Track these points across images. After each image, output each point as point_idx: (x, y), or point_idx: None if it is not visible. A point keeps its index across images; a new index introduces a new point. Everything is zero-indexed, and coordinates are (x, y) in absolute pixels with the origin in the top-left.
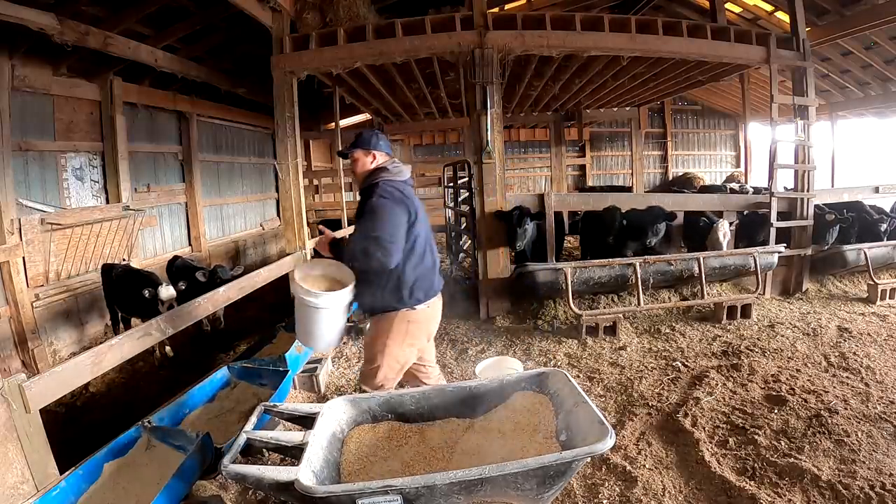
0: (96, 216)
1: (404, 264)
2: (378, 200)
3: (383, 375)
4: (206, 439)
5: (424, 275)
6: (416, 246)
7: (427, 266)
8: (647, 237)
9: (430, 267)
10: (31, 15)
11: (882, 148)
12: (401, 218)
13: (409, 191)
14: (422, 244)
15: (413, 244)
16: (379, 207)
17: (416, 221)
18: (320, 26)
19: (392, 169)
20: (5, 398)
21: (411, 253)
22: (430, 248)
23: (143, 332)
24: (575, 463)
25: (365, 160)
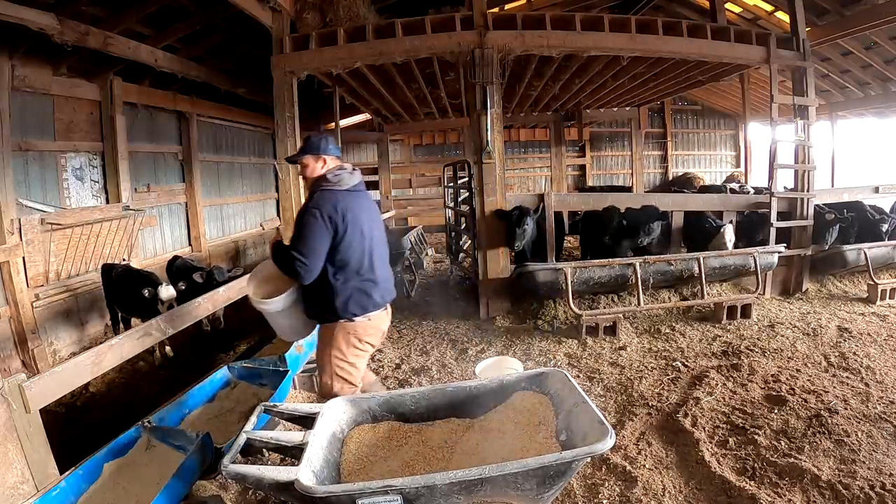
0: (96, 216)
1: (335, 278)
2: (305, 213)
3: (339, 386)
4: (206, 439)
5: (362, 288)
6: (349, 260)
7: (367, 280)
8: (640, 237)
9: (371, 280)
10: (31, 15)
11: (882, 148)
12: (322, 234)
13: (348, 201)
14: (359, 257)
15: (347, 258)
16: (303, 221)
17: (347, 235)
18: (320, 26)
19: (332, 178)
20: (5, 398)
21: (345, 267)
22: (375, 261)
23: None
24: (575, 463)
25: (315, 165)
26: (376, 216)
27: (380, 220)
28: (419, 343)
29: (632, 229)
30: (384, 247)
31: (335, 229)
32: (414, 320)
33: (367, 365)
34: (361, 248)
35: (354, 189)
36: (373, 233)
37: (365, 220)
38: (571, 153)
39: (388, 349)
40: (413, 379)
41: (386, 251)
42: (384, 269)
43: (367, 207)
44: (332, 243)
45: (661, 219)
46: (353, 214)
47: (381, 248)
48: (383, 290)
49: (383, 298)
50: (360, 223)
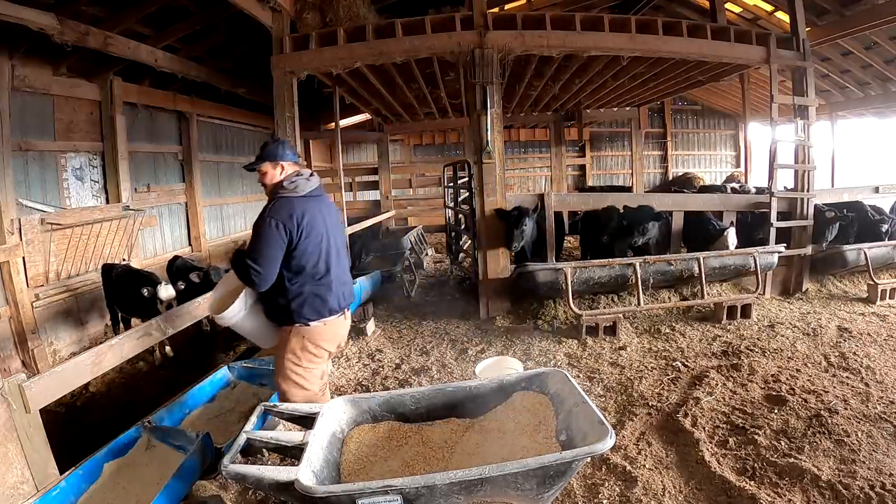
0: (96, 216)
1: (290, 283)
2: (261, 222)
3: (293, 391)
4: (206, 439)
5: (318, 294)
6: (305, 265)
7: (322, 285)
8: (635, 236)
9: (327, 285)
10: (31, 15)
11: (882, 148)
12: (276, 243)
13: (305, 207)
14: (316, 263)
15: (303, 264)
16: (258, 231)
17: (302, 241)
18: (320, 26)
19: (289, 185)
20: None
21: (300, 272)
22: (332, 266)
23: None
24: (575, 463)
25: (273, 172)
26: (335, 220)
27: (339, 224)
28: (419, 343)
29: (628, 229)
30: (344, 252)
31: (290, 237)
32: (414, 320)
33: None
34: (318, 253)
35: (312, 194)
36: (330, 238)
37: (322, 225)
38: (571, 153)
39: (388, 349)
40: (413, 379)
41: (346, 256)
42: (343, 275)
43: (325, 212)
44: (287, 250)
45: (656, 219)
46: (309, 220)
47: (339, 254)
48: (340, 296)
49: (340, 304)
50: (318, 228)
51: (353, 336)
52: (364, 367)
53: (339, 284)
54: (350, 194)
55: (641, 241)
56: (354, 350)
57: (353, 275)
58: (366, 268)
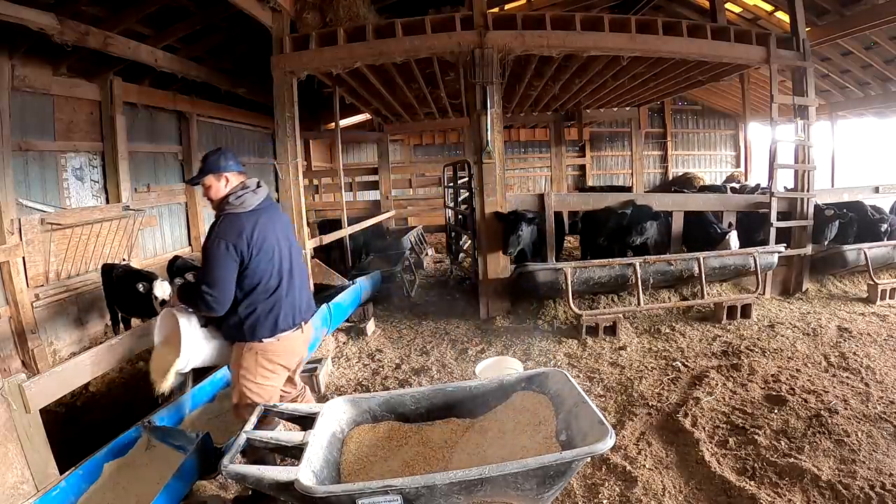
0: (96, 216)
1: (242, 302)
2: (210, 244)
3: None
4: (206, 439)
5: (271, 310)
6: (258, 283)
7: (276, 301)
8: (633, 236)
9: (280, 301)
10: (31, 15)
11: (882, 148)
12: (228, 264)
13: (255, 222)
14: (268, 279)
15: (255, 282)
16: (208, 253)
17: (254, 259)
18: (320, 26)
19: (234, 201)
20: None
21: (252, 290)
22: (285, 281)
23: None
24: (575, 463)
25: (218, 185)
26: (287, 232)
27: (291, 235)
28: (419, 343)
29: (626, 229)
30: (299, 263)
31: (242, 257)
32: (414, 320)
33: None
34: (270, 269)
35: (260, 207)
36: (283, 251)
37: (274, 238)
38: (571, 153)
39: (388, 349)
40: (413, 379)
41: (302, 268)
42: (298, 288)
43: (276, 225)
44: (239, 269)
45: (653, 218)
46: (260, 236)
47: (294, 266)
48: (296, 311)
49: (295, 319)
50: (270, 243)
51: (353, 336)
52: (364, 367)
53: (294, 298)
54: (350, 194)
55: (640, 240)
56: (354, 350)
57: (353, 275)
58: (366, 268)
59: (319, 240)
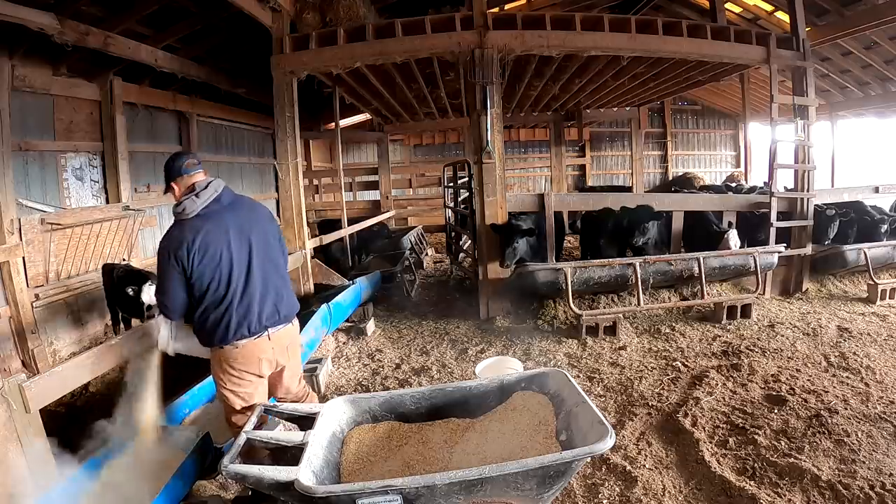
0: (96, 216)
1: (196, 310)
2: (158, 254)
3: (228, 413)
4: (206, 439)
5: (221, 318)
6: (206, 290)
7: (227, 308)
8: (636, 236)
9: (232, 307)
10: (31, 15)
11: (882, 148)
12: (172, 274)
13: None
14: (215, 287)
15: (203, 289)
16: (158, 262)
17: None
18: (320, 26)
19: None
20: (5, 398)
21: (202, 299)
22: (236, 287)
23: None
24: (575, 463)
25: (177, 191)
26: (253, 231)
27: (254, 236)
28: (419, 343)
29: (627, 229)
30: (267, 263)
31: (182, 266)
32: (414, 320)
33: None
34: (217, 276)
35: (206, 212)
36: (235, 256)
37: (223, 242)
38: (571, 153)
39: (388, 349)
40: (413, 379)
41: (271, 271)
42: (260, 294)
43: (228, 228)
44: (186, 278)
45: (655, 218)
46: (203, 243)
47: (255, 271)
48: (253, 318)
49: (251, 328)
50: (215, 250)
51: (354, 336)
52: (364, 367)
53: (251, 305)
54: (350, 194)
55: (642, 240)
56: (354, 350)
57: (353, 275)
58: (366, 268)
59: (319, 240)
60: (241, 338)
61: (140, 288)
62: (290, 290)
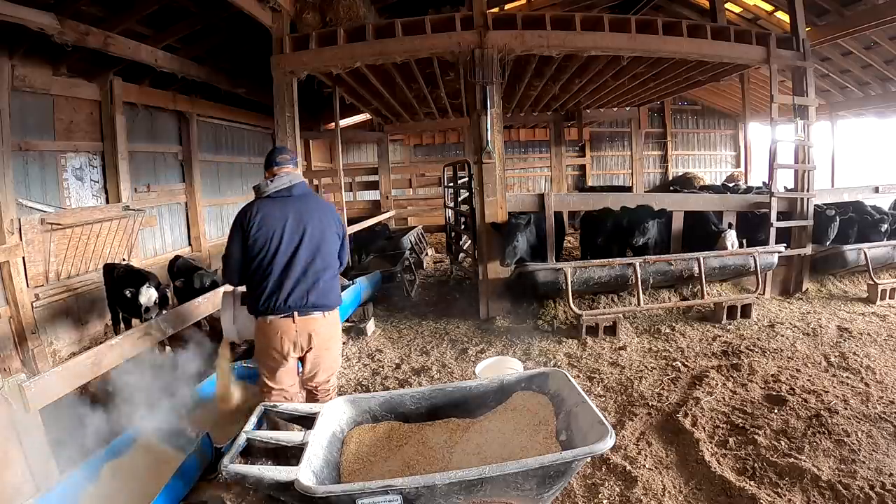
0: (96, 216)
1: (249, 277)
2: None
3: (261, 378)
4: (206, 439)
5: (262, 291)
6: (258, 260)
7: (267, 281)
8: (636, 236)
9: (270, 283)
10: (31, 15)
11: (882, 148)
12: (235, 235)
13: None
14: (261, 260)
15: (254, 253)
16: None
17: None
18: (320, 26)
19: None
20: (5, 398)
21: (251, 261)
22: (279, 263)
23: (143, 332)
24: (575, 463)
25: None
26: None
27: (309, 228)
28: (419, 343)
29: (627, 229)
30: (309, 254)
31: (243, 231)
32: (414, 320)
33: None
34: (267, 248)
35: (277, 195)
36: (289, 238)
37: (280, 224)
38: (571, 153)
39: (388, 349)
40: (413, 379)
41: (313, 261)
42: (299, 279)
43: (288, 214)
44: (243, 243)
45: (655, 217)
46: (262, 217)
47: (300, 256)
48: (286, 296)
49: (281, 304)
50: (270, 226)
51: (354, 336)
52: (364, 367)
53: (290, 284)
54: (350, 194)
55: (642, 240)
56: (354, 350)
57: (353, 275)
58: (366, 268)
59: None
60: (269, 312)
61: (138, 290)
62: (333, 285)
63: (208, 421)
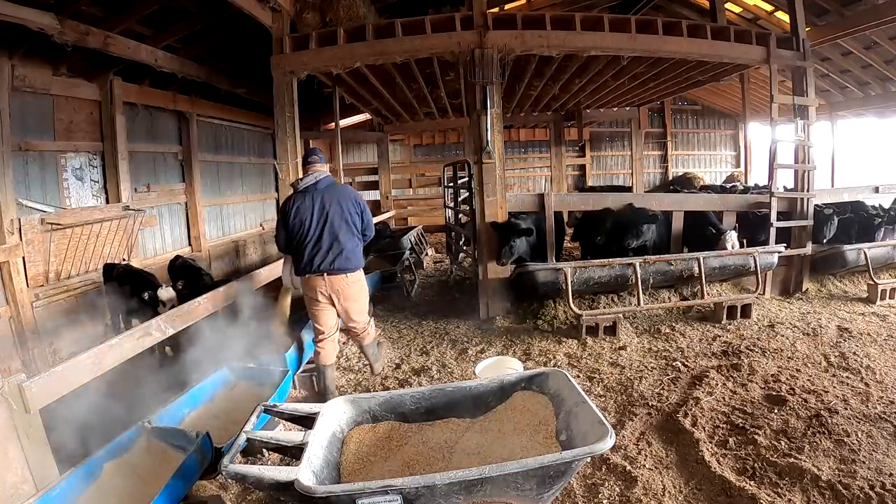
0: (96, 216)
1: (293, 250)
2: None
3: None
4: (206, 439)
5: (301, 257)
6: (294, 236)
7: (303, 252)
8: (628, 238)
9: (303, 252)
10: (31, 15)
11: (882, 148)
12: (280, 224)
13: (296, 199)
14: (298, 237)
15: (293, 234)
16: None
17: (290, 222)
18: (320, 26)
19: (293, 184)
20: (5, 398)
21: (292, 239)
22: (311, 240)
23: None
24: (575, 463)
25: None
26: (325, 210)
27: (330, 213)
28: (419, 343)
29: (622, 231)
30: (332, 233)
31: (284, 217)
32: (414, 320)
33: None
34: (302, 229)
35: (307, 189)
36: (315, 221)
37: (309, 212)
38: (571, 153)
39: (389, 349)
40: (413, 379)
41: (336, 238)
42: (326, 249)
43: (311, 205)
44: (286, 225)
45: (649, 222)
46: (296, 207)
47: (326, 233)
48: (317, 262)
49: (314, 268)
50: (303, 214)
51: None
52: (364, 367)
53: (318, 253)
54: None
55: (636, 243)
56: (354, 350)
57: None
58: (366, 268)
59: None
60: (310, 273)
61: (156, 293)
62: (354, 254)
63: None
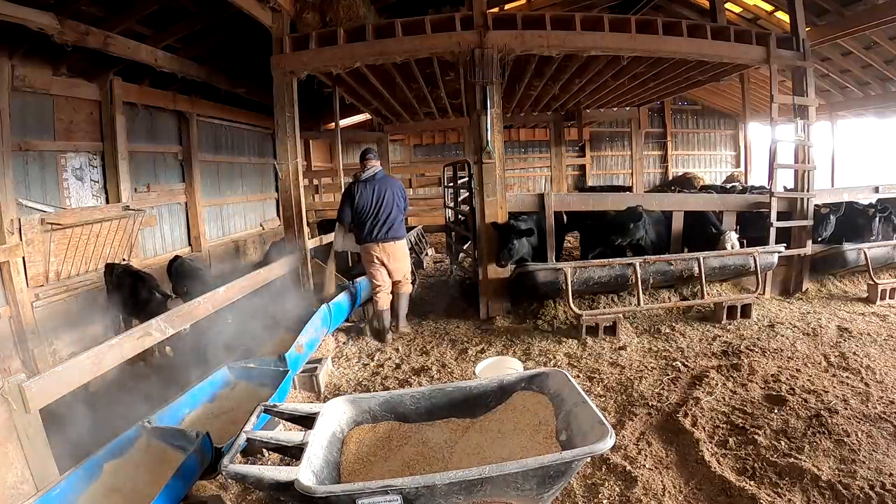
0: (96, 216)
1: (355, 223)
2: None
3: (370, 279)
4: (206, 439)
5: (360, 228)
6: (359, 213)
7: (364, 225)
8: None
9: (365, 225)
10: (31, 15)
11: (882, 148)
12: (346, 200)
13: (360, 186)
14: (362, 213)
15: (358, 211)
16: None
17: (357, 202)
18: (320, 26)
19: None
20: (5, 398)
21: (357, 216)
22: (370, 216)
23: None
24: (575, 463)
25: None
26: (385, 194)
27: (385, 197)
28: (419, 343)
29: (617, 230)
30: (386, 212)
31: (351, 199)
32: (414, 320)
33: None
34: (364, 209)
35: (366, 179)
36: (373, 203)
37: (369, 196)
38: (571, 153)
39: (389, 349)
40: (413, 379)
41: (388, 215)
42: (381, 223)
43: (371, 191)
44: (351, 206)
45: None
46: (360, 192)
47: (382, 212)
48: (374, 233)
49: (372, 237)
50: (364, 199)
51: (354, 336)
52: (364, 367)
53: (375, 227)
54: None
55: (627, 242)
56: (354, 350)
57: (353, 275)
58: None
59: (319, 240)
60: (367, 241)
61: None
62: (400, 226)
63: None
